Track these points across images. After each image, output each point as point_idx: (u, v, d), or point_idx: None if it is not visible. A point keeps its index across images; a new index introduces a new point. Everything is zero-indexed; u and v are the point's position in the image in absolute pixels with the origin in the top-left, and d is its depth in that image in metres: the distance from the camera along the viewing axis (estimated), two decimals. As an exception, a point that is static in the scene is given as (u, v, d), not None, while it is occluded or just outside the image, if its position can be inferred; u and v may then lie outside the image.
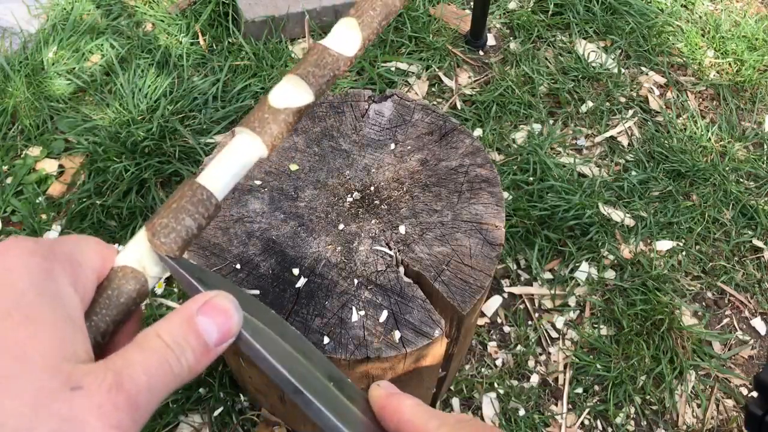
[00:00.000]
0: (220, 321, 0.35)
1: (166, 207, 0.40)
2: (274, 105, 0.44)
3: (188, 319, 0.35)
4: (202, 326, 0.35)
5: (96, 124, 1.68)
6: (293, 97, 0.45)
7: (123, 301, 0.38)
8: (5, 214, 1.56)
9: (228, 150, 0.43)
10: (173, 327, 0.34)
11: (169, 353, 0.33)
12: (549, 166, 1.67)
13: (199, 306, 0.35)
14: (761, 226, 1.69)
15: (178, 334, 0.34)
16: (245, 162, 0.44)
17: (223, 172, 0.43)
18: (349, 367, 0.85)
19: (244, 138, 0.44)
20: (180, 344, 0.34)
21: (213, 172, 0.43)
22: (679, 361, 1.43)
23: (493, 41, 2.05)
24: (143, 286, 0.39)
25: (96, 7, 1.98)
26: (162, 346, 0.33)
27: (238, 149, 0.43)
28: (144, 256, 0.39)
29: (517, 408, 1.37)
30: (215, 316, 0.35)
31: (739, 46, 2.08)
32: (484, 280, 0.89)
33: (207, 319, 0.35)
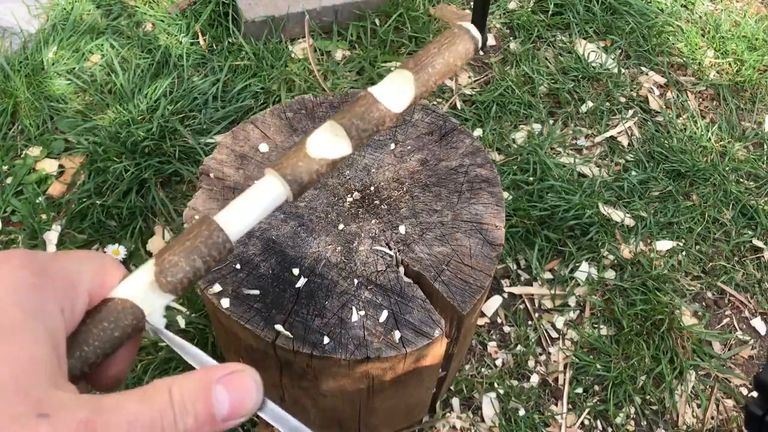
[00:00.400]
0: (235, 397, 0.33)
1: (180, 243, 0.39)
2: (310, 154, 0.43)
3: (206, 384, 0.33)
4: (215, 396, 0.33)
5: (96, 124, 1.68)
6: (331, 148, 0.43)
7: (117, 336, 0.37)
8: (5, 214, 1.56)
9: (254, 192, 0.42)
10: (187, 387, 0.32)
11: (167, 413, 0.31)
12: (549, 166, 1.67)
13: (222, 375, 0.34)
14: (761, 226, 1.69)
15: (188, 396, 0.32)
16: (267, 207, 0.42)
17: (244, 216, 0.41)
18: (349, 367, 0.85)
19: (273, 183, 0.42)
20: (185, 407, 0.32)
21: (234, 213, 0.41)
22: (679, 361, 1.43)
23: (493, 41, 2.05)
24: (140, 323, 0.38)
25: (96, 7, 1.98)
26: (165, 402, 0.32)
27: (264, 193, 0.42)
28: (147, 291, 0.38)
29: (517, 408, 1.37)
30: (233, 391, 0.33)
31: (739, 46, 2.08)
32: (484, 280, 0.89)
33: (224, 391, 0.33)
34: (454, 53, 0.46)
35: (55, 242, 1.52)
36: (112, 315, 0.37)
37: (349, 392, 0.94)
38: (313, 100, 1.08)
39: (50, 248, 1.51)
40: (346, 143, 0.43)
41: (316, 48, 1.95)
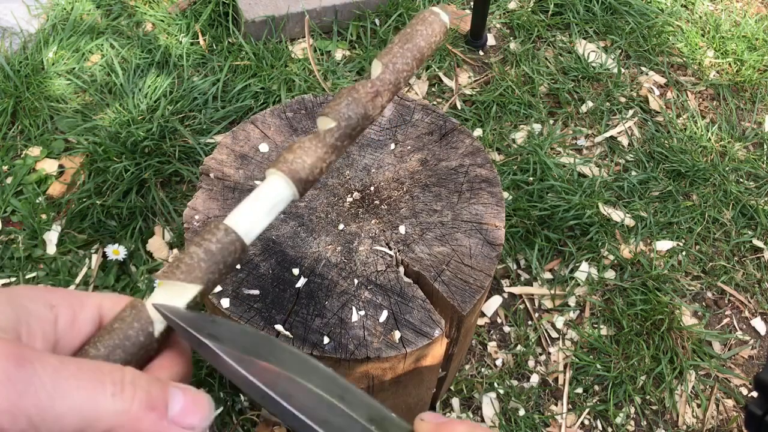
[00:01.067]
0: (189, 402, 0.34)
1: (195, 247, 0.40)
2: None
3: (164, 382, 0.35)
4: (170, 392, 0.34)
5: (96, 124, 1.68)
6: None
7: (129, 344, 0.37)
8: (5, 214, 1.56)
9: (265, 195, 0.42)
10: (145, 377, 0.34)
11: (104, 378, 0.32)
12: (549, 166, 1.67)
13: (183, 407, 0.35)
14: (761, 226, 1.69)
15: (144, 381, 0.33)
16: (276, 209, 0.43)
17: (256, 219, 0.42)
18: (349, 367, 0.85)
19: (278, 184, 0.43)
20: (138, 383, 0.33)
21: (246, 217, 0.42)
22: (679, 361, 1.43)
23: (493, 41, 2.05)
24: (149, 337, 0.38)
25: (96, 7, 1.98)
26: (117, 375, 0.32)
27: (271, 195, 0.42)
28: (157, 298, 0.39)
29: (517, 408, 1.37)
30: (188, 397, 0.35)
31: (739, 46, 2.08)
32: (484, 280, 0.89)
33: (179, 393, 0.34)
34: (426, 38, 0.47)
35: (55, 242, 1.52)
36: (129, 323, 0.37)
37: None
38: (313, 100, 1.08)
39: (50, 248, 1.51)
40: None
41: (316, 48, 1.95)
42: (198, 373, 1.31)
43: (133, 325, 0.37)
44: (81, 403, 0.30)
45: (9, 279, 1.46)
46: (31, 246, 1.51)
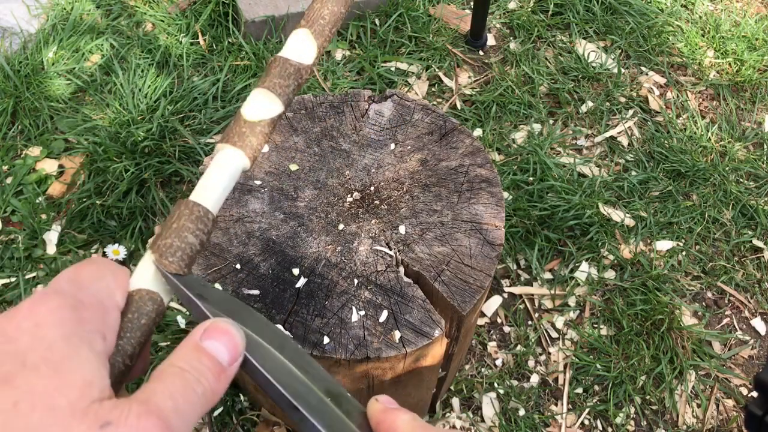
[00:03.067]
0: (225, 340, 0.37)
1: (167, 227, 0.42)
2: (249, 119, 0.47)
3: (195, 345, 0.36)
4: (211, 349, 0.36)
5: (96, 124, 1.68)
6: (265, 110, 0.48)
7: (144, 323, 0.39)
8: (5, 214, 1.56)
9: (214, 166, 0.46)
10: (185, 354, 0.36)
11: (187, 376, 0.35)
12: (549, 166, 1.67)
13: (202, 332, 0.37)
14: (761, 226, 1.69)
15: (191, 359, 0.36)
16: (232, 175, 0.46)
17: (213, 187, 0.45)
18: (349, 367, 0.85)
19: (227, 153, 0.46)
20: (196, 367, 0.35)
21: (204, 188, 0.45)
22: (679, 361, 1.43)
23: (493, 41, 2.05)
24: (160, 305, 0.41)
25: (96, 7, 1.98)
26: (179, 371, 0.35)
27: (223, 164, 0.46)
28: (154, 277, 0.41)
29: (517, 408, 1.37)
30: (219, 338, 0.37)
31: (739, 46, 2.08)
32: (484, 280, 0.89)
33: (213, 342, 0.37)
34: (338, 1, 0.51)
35: (55, 242, 1.52)
36: (134, 305, 0.39)
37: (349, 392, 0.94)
38: (313, 100, 1.08)
39: (50, 248, 1.51)
40: (276, 102, 0.48)
41: (316, 48, 1.95)
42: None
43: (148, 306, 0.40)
44: None
45: (9, 279, 1.46)
46: (31, 246, 1.51)
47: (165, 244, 0.41)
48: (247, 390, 1.28)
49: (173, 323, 1.37)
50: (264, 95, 0.48)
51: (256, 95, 0.48)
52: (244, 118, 0.47)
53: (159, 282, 0.41)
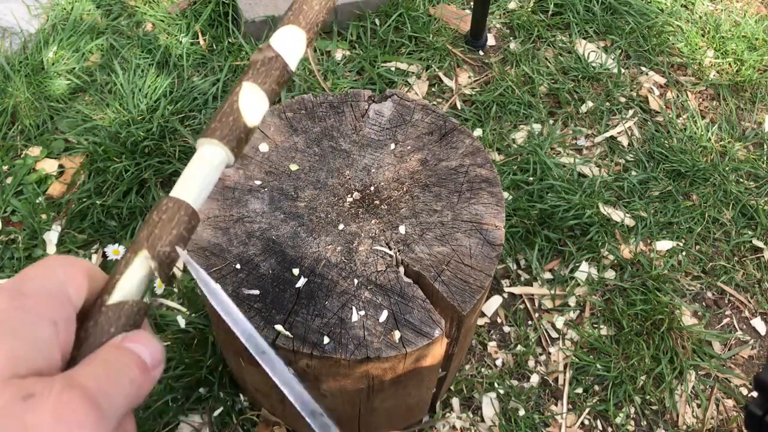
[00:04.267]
0: (146, 343, 0.38)
1: (150, 225, 0.41)
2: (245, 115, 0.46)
3: (117, 345, 0.37)
4: (132, 349, 0.37)
5: (96, 124, 1.68)
6: (257, 107, 0.47)
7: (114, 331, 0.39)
8: (5, 214, 1.56)
9: (198, 161, 0.45)
10: (108, 351, 0.36)
11: (113, 364, 0.35)
12: (549, 166, 1.67)
13: (122, 338, 0.38)
14: (761, 226, 1.69)
15: (115, 354, 0.36)
16: (216, 171, 0.45)
17: (196, 182, 0.44)
18: (349, 367, 0.85)
19: (212, 148, 0.45)
20: (119, 359, 0.36)
21: (186, 186, 0.44)
22: (679, 361, 1.43)
23: (493, 41, 2.05)
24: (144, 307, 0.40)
25: (96, 7, 1.98)
26: (104, 360, 0.35)
27: (208, 159, 0.45)
28: (144, 279, 0.40)
29: (517, 408, 1.37)
30: (140, 341, 0.38)
31: (739, 46, 2.08)
32: (484, 280, 0.89)
33: (134, 344, 0.37)
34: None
35: (55, 242, 1.52)
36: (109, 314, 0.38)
37: (349, 392, 0.94)
38: (313, 100, 1.08)
39: (50, 248, 1.51)
40: (265, 99, 0.47)
41: (316, 48, 1.95)
42: (198, 373, 1.31)
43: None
44: None
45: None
46: (31, 246, 1.51)
47: (154, 236, 0.41)
48: (247, 390, 1.28)
49: (173, 323, 1.37)
50: (255, 92, 0.47)
51: (250, 90, 0.47)
52: (244, 120, 0.46)
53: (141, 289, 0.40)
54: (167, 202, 0.42)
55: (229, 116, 0.45)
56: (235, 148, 0.45)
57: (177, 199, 0.42)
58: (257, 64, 0.47)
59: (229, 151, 0.45)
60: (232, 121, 0.45)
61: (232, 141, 0.45)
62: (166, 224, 0.41)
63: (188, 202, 0.42)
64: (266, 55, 0.48)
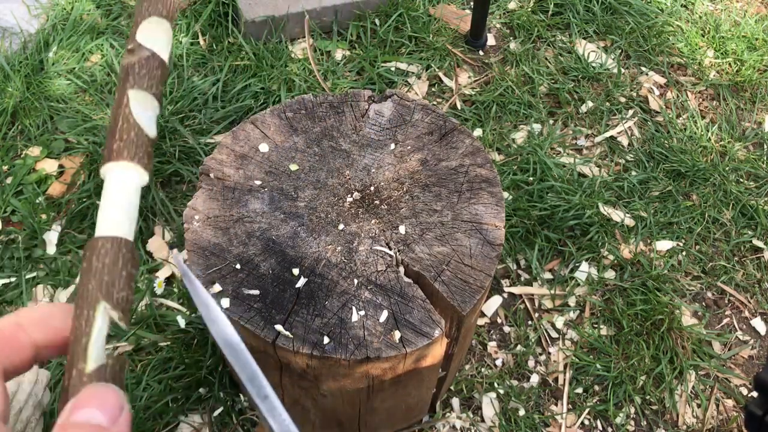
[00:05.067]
0: (96, 403, 0.34)
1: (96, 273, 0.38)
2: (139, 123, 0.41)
3: (63, 425, 0.33)
4: (81, 419, 0.33)
5: (96, 124, 1.68)
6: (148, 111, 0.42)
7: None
8: (5, 214, 1.56)
9: (114, 190, 0.41)
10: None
11: None
12: (549, 166, 1.67)
13: (69, 411, 0.34)
14: (761, 226, 1.69)
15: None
16: (136, 199, 0.41)
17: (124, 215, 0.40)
18: (349, 367, 0.85)
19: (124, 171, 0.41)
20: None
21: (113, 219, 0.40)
22: (679, 361, 1.43)
23: (493, 41, 2.05)
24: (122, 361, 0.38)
25: (96, 7, 1.98)
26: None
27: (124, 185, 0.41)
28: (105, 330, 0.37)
29: (517, 408, 1.37)
30: (89, 403, 0.34)
31: (739, 46, 2.08)
32: (484, 280, 0.89)
33: (83, 411, 0.34)
34: None
35: (55, 242, 1.52)
36: None
37: (349, 392, 0.94)
38: (313, 100, 1.08)
39: (50, 248, 1.51)
40: (154, 103, 0.42)
41: (316, 48, 1.95)
42: (198, 373, 1.31)
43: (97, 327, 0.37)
44: None
45: (9, 279, 1.46)
46: (31, 246, 1.51)
47: (120, 296, 0.37)
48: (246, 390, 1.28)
49: (173, 323, 1.37)
50: (145, 99, 0.42)
51: (139, 99, 0.42)
52: (145, 132, 0.41)
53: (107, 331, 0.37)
54: (102, 244, 0.38)
55: (129, 132, 0.41)
56: (147, 165, 0.41)
57: (112, 238, 0.38)
58: (135, 68, 0.42)
59: (142, 170, 0.41)
60: (135, 136, 0.41)
61: (143, 158, 0.41)
62: (113, 268, 0.38)
63: (124, 237, 0.39)
64: (141, 56, 0.43)
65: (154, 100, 0.42)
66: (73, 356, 0.36)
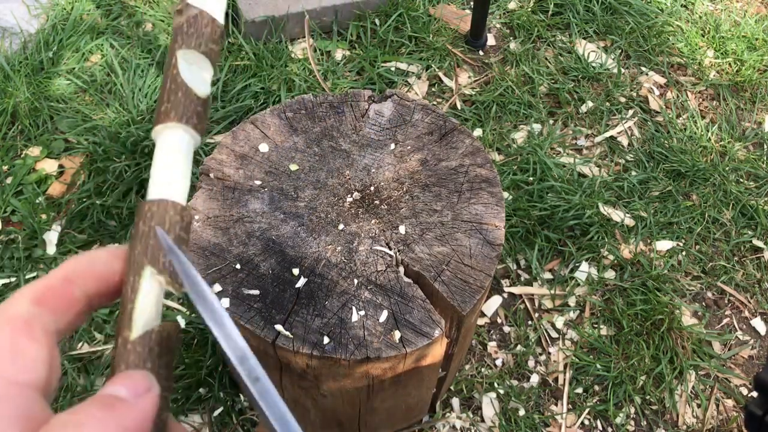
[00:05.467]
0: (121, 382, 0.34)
1: (142, 237, 0.37)
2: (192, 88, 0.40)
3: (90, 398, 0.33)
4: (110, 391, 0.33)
5: (96, 124, 1.68)
6: (201, 75, 0.41)
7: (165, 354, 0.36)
8: (5, 214, 1.56)
9: (168, 151, 0.39)
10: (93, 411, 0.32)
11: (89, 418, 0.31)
12: (549, 166, 1.67)
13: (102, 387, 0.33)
14: (761, 226, 1.69)
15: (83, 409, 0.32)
16: (188, 161, 0.40)
17: (175, 176, 0.39)
18: (349, 367, 0.85)
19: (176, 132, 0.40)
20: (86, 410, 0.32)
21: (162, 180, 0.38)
22: (679, 361, 1.43)
23: (493, 41, 2.05)
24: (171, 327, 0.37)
25: (96, 7, 1.98)
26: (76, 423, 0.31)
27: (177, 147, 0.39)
28: (158, 298, 0.37)
29: (517, 408, 1.37)
30: (118, 380, 0.34)
31: (739, 46, 2.08)
32: (484, 280, 0.89)
33: (111, 386, 0.33)
34: None
35: (55, 242, 1.52)
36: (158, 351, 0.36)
37: (349, 392, 0.94)
38: (313, 100, 1.08)
39: (50, 248, 1.51)
40: (200, 59, 0.41)
41: (316, 48, 1.95)
42: (198, 373, 1.31)
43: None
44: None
45: (9, 279, 1.46)
46: (31, 246, 1.51)
47: (154, 249, 0.36)
48: (247, 390, 1.28)
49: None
50: (194, 58, 0.41)
51: (187, 58, 0.40)
52: (194, 91, 0.40)
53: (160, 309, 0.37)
54: (149, 207, 0.37)
55: (177, 92, 0.40)
56: (198, 125, 0.40)
57: (158, 201, 0.37)
58: (183, 28, 0.41)
59: (193, 130, 0.40)
60: (182, 96, 0.40)
61: (191, 118, 0.39)
62: None
63: (170, 200, 0.38)
64: (189, 15, 0.42)
65: (204, 59, 0.41)
66: (120, 323, 0.36)
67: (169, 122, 0.39)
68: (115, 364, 0.35)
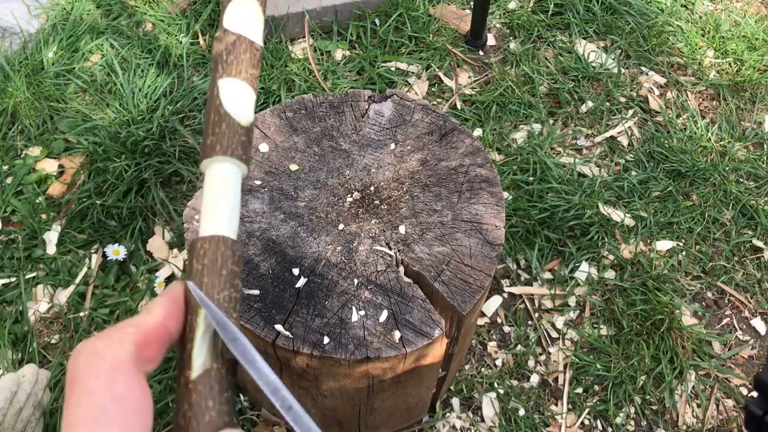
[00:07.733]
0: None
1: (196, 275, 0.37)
2: (239, 121, 0.40)
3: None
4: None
5: (96, 124, 1.68)
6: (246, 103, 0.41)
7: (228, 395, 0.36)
8: (5, 214, 1.56)
9: (219, 184, 0.40)
10: None
11: None
12: (549, 166, 1.67)
13: None
14: (761, 226, 1.69)
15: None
16: (236, 194, 0.41)
17: (229, 212, 0.39)
18: (349, 367, 0.85)
19: (225, 165, 0.40)
20: None
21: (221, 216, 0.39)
22: (679, 361, 1.43)
23: (493, 41, 2.05)
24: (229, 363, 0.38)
25: (96, 7, 1.98)
26: None
27: (227, 179, 0.40)
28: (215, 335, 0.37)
29: (517, 408, 1.37)
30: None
31: (739, 46, 2.08)
32: (484, 280, 0.89)
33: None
34: None
35: (55, 242, 1.52)
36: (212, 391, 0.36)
37: (349, 392, 0.94)
38: (313, 100, 1.08)
39: (50, 248, 1.51)
40: (242, 86, 0.41)
41: (316, 48, 1.95)
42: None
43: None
44: None
45: (9, 279, 1.46)
46: (31, 246, 1.51)
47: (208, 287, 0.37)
48: (247, 390, 1.28)
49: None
50: (235, 86, 0.41)
51: (229, 87, 0.41)
52: (237, 121, 0.40)
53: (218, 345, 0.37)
54: (201, 245, 0.38)
55: (221, 124, 0.40)
56: (243, 156, 0.40)
57: (209, 237, 0.38)
58: (223, 56, 0.42)
59: (239, 161, 0.40)
60: (226, 128, 0.40)
61: (237, 149, 0.40)
62: (212, 268, 0.37)
63: (223, 235, 0.38)
64: (227, 42, 0.42)
65: (246, 85, 0.41)
66: (181, 363, 0.36)
67: (215, 156, 0.40)
68: (179, 403, 0.35)
